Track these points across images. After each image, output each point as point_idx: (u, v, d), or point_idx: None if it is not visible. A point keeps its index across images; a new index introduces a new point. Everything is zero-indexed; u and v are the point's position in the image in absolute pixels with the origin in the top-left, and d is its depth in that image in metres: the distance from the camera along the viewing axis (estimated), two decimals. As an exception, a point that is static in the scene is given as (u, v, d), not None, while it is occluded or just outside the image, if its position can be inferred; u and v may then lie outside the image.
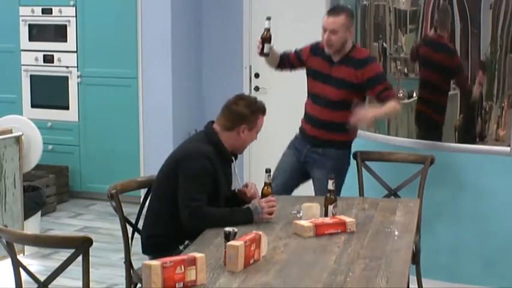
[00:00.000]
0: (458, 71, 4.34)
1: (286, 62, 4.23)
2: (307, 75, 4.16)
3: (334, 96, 3.98)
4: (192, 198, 3.17)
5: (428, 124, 4.50)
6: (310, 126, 4.11)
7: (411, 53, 4.47)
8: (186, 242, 3.19)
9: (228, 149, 3.36)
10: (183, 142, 3.47)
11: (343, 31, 3.93)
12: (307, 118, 4.15)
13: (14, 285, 2.75)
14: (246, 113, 3.33)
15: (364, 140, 4.50)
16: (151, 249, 3.33)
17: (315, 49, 4.11)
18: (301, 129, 4.20)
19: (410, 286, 3.86)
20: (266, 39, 4.04)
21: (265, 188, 3.34)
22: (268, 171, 3.35)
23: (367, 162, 4.14)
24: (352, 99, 3.98)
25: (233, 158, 3.41)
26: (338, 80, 3.98)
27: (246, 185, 3.46)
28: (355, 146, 4.20)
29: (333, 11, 4.03)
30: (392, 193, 4.05)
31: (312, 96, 4.11)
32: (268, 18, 4.02)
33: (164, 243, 3.26)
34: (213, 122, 3.41)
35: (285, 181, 4.08)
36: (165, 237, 3.28)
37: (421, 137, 4.44)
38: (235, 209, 3.28)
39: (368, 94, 4.05)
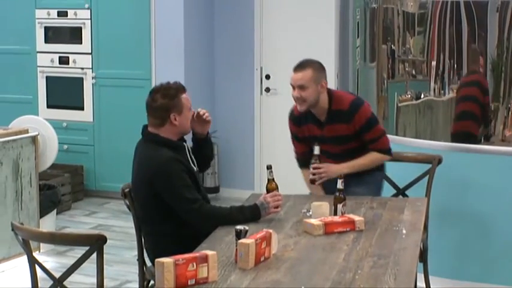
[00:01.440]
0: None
1: (307, 153, 3.83)
2: (305, 142, 3.85)
3: (339, 151, 3.76)
4: (188, 201, 3.18)
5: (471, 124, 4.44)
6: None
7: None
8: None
9: (175, 139, 3.33)
10: (138, 161, 3.36)
11: (312, 86, 3.65)
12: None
13: (30, 282, 2.79)
14: (166, 102, 3.27)
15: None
16: None
17: (296, 119, 3.83)
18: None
19: (418, 284, 3.89)
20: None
21: (269, 183, 3.37)
22: (269, 167, 3.37)
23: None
24: (362, 142, 3.76)
25: (185, 144, 3.38)
26: (335, 138, 3.75)
27: (197, 113, 3.43)
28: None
29: (299, 65, 3.71)
30: (400, 192, 4.07)
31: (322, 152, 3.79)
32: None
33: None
34: (146, 126, 3.37)
35: None
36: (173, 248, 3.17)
37: (453, 138, 4.40)
38: (243, 207, 3.31)
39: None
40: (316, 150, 3.67)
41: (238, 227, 2.76)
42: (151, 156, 3.28)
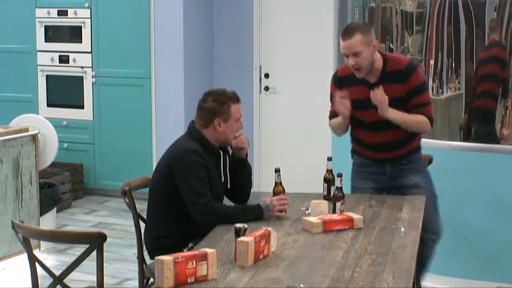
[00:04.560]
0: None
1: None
2: None
3: (382, 118, 3.57)
4: (197, 193, 3.21)
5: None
6: (377, 152, 3.71)
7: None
8: (190, 245, 3.22)
9: (215, 144, 3.37)
10: (170, 145, 3.43)
11: (365, 50, 3.52)
12: (368, 146, 3.73)
13: (30, 280, 2.82)
14: (215, 106, 3.33)
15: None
16: (156, 252, 3.37)
17: (339, 80, 3.71)
18: (362, 155, 3.77)
19: (420, 282, 3.90)
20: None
21: (276, 186, 3.38)
22: (277, 170, 3.38)
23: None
24: (407, 109, 3.61)
25: (221, 152, 3.41)
26: None
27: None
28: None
29: (346, 32, 3.55)
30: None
31: (359, 124, 3.69)
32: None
33: (168, 245, 3.23)
34: (193, 121, 3.43)
35: None
36: (168, 240, 3.30)
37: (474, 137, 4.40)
38: (246, 207, 3.33)
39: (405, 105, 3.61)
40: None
41: (238, 224, 2.78)
42: (180, 143, 3.36)
